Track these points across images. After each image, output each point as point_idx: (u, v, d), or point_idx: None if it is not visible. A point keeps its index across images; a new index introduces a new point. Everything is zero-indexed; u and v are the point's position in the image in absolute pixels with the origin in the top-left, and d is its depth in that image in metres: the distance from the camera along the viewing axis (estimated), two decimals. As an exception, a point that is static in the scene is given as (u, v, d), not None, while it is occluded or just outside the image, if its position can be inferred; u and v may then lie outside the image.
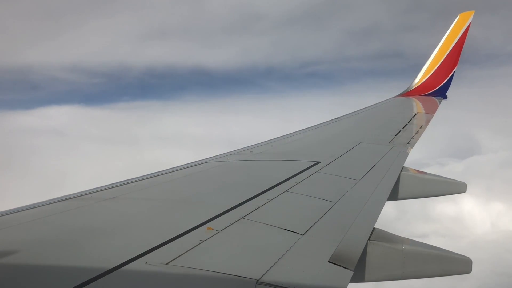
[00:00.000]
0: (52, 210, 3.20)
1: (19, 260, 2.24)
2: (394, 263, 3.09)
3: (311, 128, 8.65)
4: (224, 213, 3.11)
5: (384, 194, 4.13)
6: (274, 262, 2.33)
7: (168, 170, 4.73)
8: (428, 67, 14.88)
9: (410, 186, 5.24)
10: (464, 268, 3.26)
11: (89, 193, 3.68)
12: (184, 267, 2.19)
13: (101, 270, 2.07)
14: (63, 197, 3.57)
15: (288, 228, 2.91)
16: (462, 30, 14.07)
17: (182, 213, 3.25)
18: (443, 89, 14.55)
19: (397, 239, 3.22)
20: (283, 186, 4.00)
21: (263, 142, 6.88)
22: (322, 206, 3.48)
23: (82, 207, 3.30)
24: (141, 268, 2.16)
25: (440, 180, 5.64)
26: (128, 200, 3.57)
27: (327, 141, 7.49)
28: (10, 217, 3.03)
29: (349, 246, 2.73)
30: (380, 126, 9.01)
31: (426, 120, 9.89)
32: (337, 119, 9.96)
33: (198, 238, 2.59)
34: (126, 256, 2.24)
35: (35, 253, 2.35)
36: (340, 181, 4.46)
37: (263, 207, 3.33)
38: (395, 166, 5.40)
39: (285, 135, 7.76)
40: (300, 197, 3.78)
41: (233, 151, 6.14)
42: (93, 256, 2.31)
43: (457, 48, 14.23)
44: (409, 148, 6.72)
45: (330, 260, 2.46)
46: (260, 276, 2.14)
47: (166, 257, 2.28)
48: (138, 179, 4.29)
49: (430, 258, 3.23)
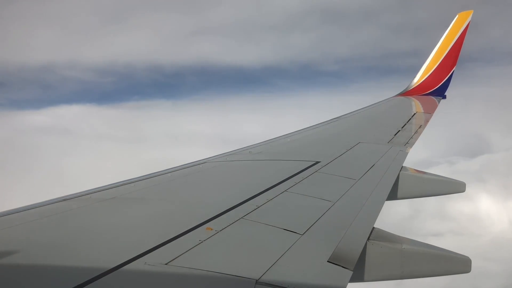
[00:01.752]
0: (51, 211, 3.20)
1: (18, 260, 2.24)
2: (393, 263, 3.09)
3: (310, 128, 8.65)
4: (223, 213, 3.11)
5: (383, 194, 4.13)
6: (273, 262, 2.33)
7: (167, 170, 4.73)
8: (427, 67, 14.90)
9: (409, 185, 5.24)
10: (463, 268, 3.26)
11: (88, 193, 3.68)
12: (184, 267, 2.19)
13: (100, 271, 2.07)
14: (62, 198, 3.57)
15: (287, 228, 2.91)
16: (461, 30, 14.09)
17: (181, 213, 3.25)
18: (442, 89, 14.58)
19: (396, 239, 3.22)
20: (282, 186, 4.00)
21: (262, 142, 6.88)
22: (321, 206, 3.48)
23: (81, 208, 3.30)
24: (140, 268, 2.16)
25: (439, 179, 5.64)
26: (127, 200, 3.56)
27: (326, 141, 7.49)
28: (9, 218, 3.03)
29: (349, 245, 2.73)
30: (379, 126, 9.02)
31: (425, 120, 9.89)
32: (336, 118, 9.96)
33: (197, 238, 2.59)
34: (125, 257, 2.24)
35: (34, 254, 2.35)
36: (339, 181, 4.46)
37: (262, 207, 3.33)
38: (394, 165, 5.41)
39: (284, 135, 7.76)
40: (299, 197, 3.78)
41: (232, 151, 6.14)
42: (93, 257, 2.31)
43: (456, 48, 14.26)
44: (408, 147, 6.72)
45: (330, 260, 2.47)
46: (259, 276, 2.14)
47: (166, 257, 2.28)
48: (137, 179, 4.28)
49: (429, 258, 3.24)
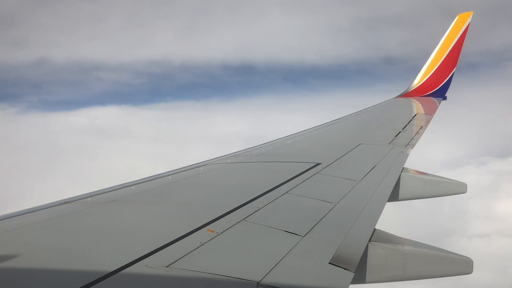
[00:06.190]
0: (52, 214, 3.20)
1: (19, 263, 2.24)
2: (395, 264, 3.08)
3: (311, 130, 8.65)
4: (224, 215, 3.10)
5: (385, 195, 4.12)
6: (274, 264, 2.32)
7: (168, 173, 4.74)
8: (427, 68, 14.93)
9: (410, 187, 5.24)
10: (465, 269, 3.26)
11: (89, 196, 3.68)
12: (185, 269, 2.19)
13: (101, 273, 2.07)
14: (63, 201, 3.57)
15: (288, 230, 2.91)
16: (461, 31, 14.11)
17: (182, 216, 3.25)
18: (442, 90, 14.61)
19: (397, 240, 3.21)
20: (283, 188, 3.99)
21: (263, 144, 6.88)
22: (322, 208, 3.48)
23: (82, 210, 3.30)
24: (141, 271, 2.15)
25: (440, 180, 5.64)
26: (128, 203, 3.56)
27: (327, 142, 7.49)
28: (10, 221, 3.03)
29: (350, 247, 2.73)
30: (380, 127, 9.01)
31: (426, 121, 9.90)
32: (337, 120, 9.96)
33: (199, 240, 2.59)
34: (126, 259, 2.24)
35: (35, 257, 2.35)
36: (341, 182, 4.45)
37: (264, 209, 3.33)
38: (395, 167, 5.40)
39: (285, 136, 7.76)
40: (300, 198, 3.77)
41: (233, 153, 6.13)
42: (94, 259, 2.31)
43: (456, 49, 14.28)
44: (409, 148, 6.72)
45: (331, 262, 2.46)
46: (260, 278, 2.14)
47: (167, 259, 2.28)
48: (138, 182, 4.29)
49: (431, 259, 3.23)
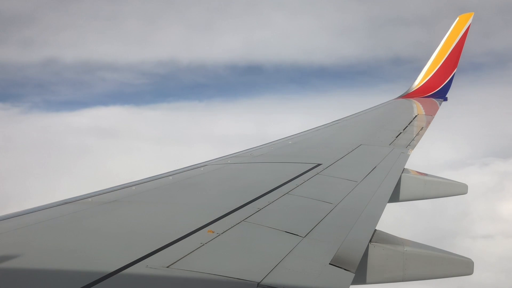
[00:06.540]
0: (52, 214, 3.21)
1: (20, 264, 2.24)
2: (395, 265, 3.08)
3: (311, 130, 8.65)
4: (224, 216, 3.10)
5: (385, 196, 4.12)
6: (275, 265, 2.32)
7: (168, 173, 4.74)
8: (428, 69, 14.93)
9: (411, 187, 5.24)
10: (465, 270, 3.25)
11: (89, 196, 3.68)
12: (185, 270, 2.19)
13: (101, 274, 2.07)
14: (63, 201, 3.57)
15: (289, 230, 2.91)
16: (462, 32, 14.12)
17: (183, 216, 3.25)
18: (443, 91, 14.61)
19: (398, 241, 3.21)
20: (283, 189, 3.99)
21: (264, 145, 6.88)
22: (323, 208, 3.48)
23: (83, 211, 3.30)
24: (142, 271, 2.15)
25: (441, 181, 5.63)
26: (129, 203, 3.57)
27: (327, 143, 7.49)
28: (10, 221, 3.03)
29: (350, 248, 2.72)
30: (381, 128, 9.01)
31: (426, 122, 9.89)
32: (338, 121, 9.96)
33: (199, 241, 2.59)
34: (126, 260, 2.24)
35: (36, 257, 2.35)
36: (341, 183, 4.45)
37: (264, 210, 3.33)
38: (396, 168, 5.40)
39: (286, 137, 7.76)
40: (301, 199, 3.77)
41: (234, 153, 6.14)
42: (94, 260, 2.31)
43: (457, 50, 14.28)
44: (410, 149, 6.72)
45: (331, 263, 2.46)
46: (261, 278, 2.13)
47: (167, 260, 2.28)
48: (139, 182, 4.29)
49: (431, 260, 3.22)
